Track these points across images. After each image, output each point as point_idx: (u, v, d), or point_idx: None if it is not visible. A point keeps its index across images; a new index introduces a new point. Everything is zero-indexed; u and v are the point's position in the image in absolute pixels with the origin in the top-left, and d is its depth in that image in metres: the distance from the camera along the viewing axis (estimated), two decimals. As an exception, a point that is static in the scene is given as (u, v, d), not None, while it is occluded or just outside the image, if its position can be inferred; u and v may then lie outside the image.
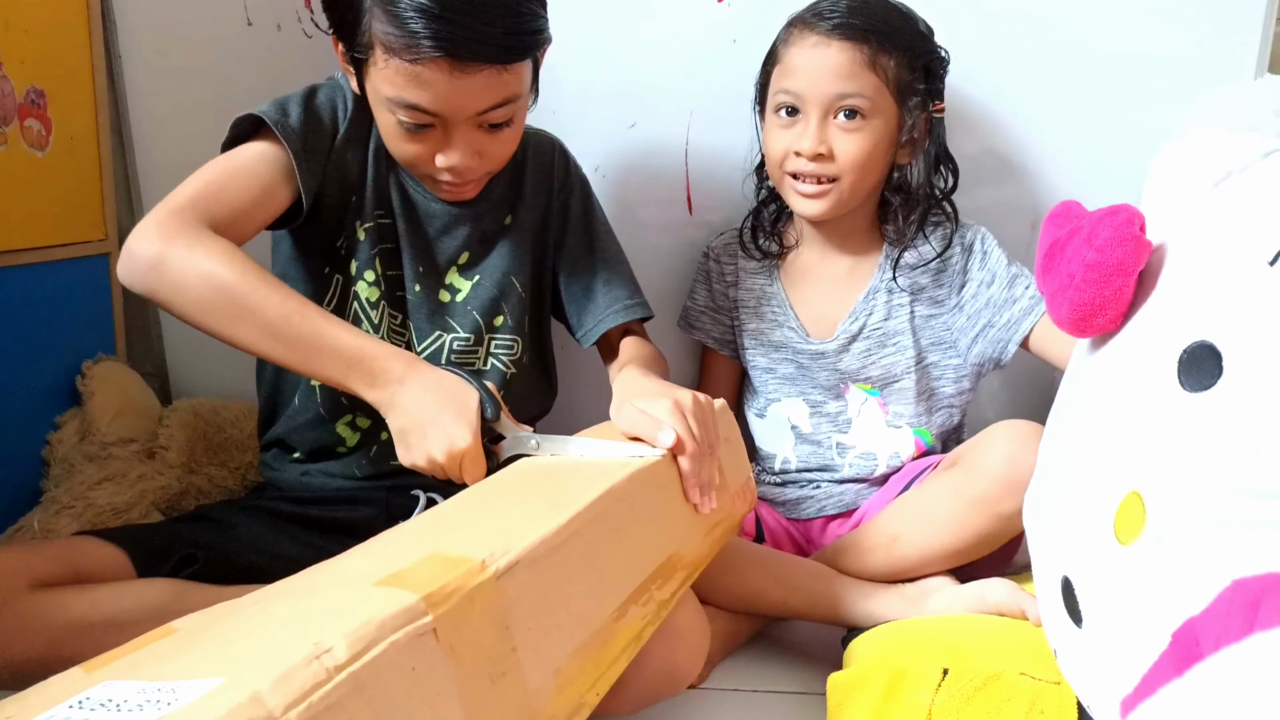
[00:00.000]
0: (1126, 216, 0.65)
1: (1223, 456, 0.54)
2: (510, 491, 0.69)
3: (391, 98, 0.82)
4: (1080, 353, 0.76)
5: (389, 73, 0.80)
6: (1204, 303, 0.60)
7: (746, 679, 0.92)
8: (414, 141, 0.86)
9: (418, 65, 0.79)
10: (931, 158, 1.03)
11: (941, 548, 0.92)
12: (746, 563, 0.95)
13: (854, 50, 0.96)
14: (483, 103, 0.83)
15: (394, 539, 0.60)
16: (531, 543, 0.54)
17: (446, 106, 0.82)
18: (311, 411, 0.96)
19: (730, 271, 1.15)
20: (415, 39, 0.77)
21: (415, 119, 0.83)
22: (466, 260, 0.98)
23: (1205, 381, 0.56)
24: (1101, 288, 0.65)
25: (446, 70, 0.79)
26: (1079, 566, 0.65)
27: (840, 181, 1.00)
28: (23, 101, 1.05)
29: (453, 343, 0.97)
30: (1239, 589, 0.47)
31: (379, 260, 0.95)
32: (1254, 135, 0.65)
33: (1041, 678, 0.71)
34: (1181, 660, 0.48)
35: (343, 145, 0.92)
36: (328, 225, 0.94)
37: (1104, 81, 1.14)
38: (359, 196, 0.94)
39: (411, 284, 0.96)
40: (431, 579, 0.48)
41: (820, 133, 0.98)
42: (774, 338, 1.12)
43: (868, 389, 1.09)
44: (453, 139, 0.85)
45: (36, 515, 0.98)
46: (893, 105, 0.99)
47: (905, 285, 1.06)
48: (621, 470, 0.69)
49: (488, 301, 0.98)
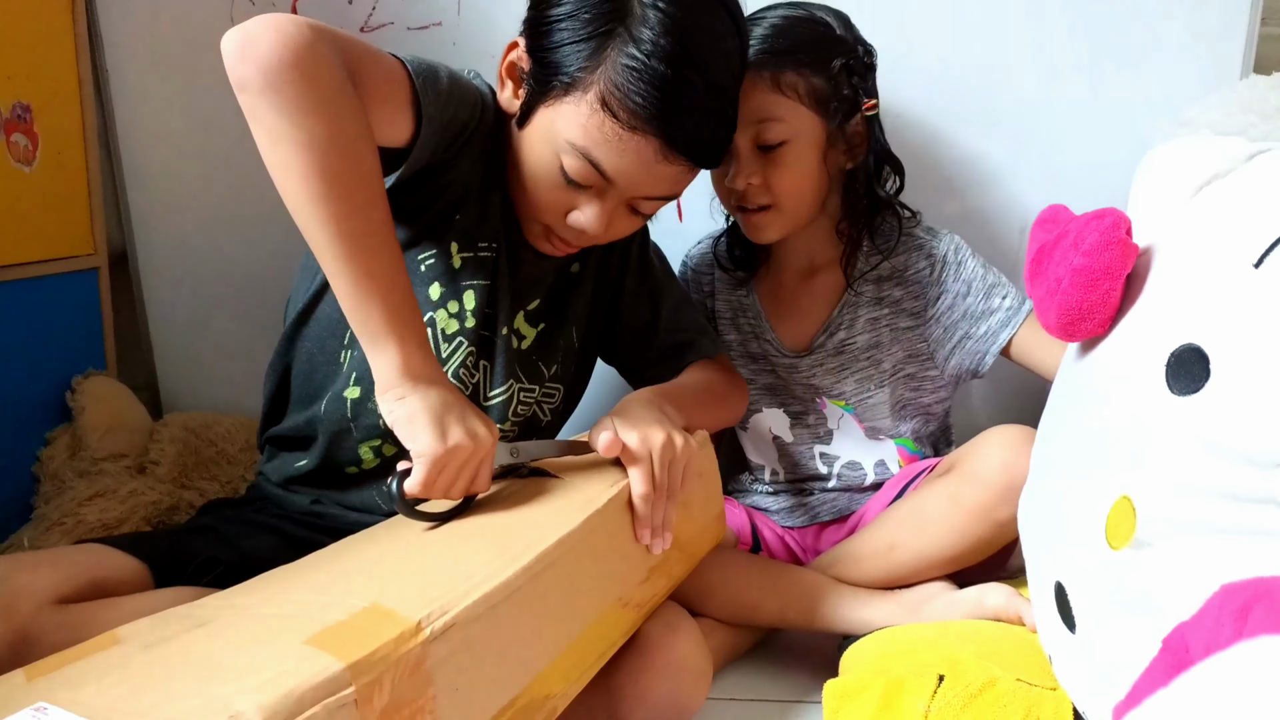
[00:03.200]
0: (1113, 220, 0.65)
1: (1212, 461, 0.54)
2: (464, 527, 0.68)
3: (575, 143, 0.77)
4: (1069, 357, 0.76)
5: (590, 121, 0.76)
6: (1190, 306, 0.60)
7: (743, 688, 0.92)
8: (564, 192, 0.81)
9: (633, 134, 0.75)
10: (870, 159, 1.00)
11: (938, 555, 0.92)
12: (742, 574, 0.95)
13: (753, 78, 0.93)
14: (658, 190, 0.81)
15: (347, 567, 0.60)
16: (471, 601, 0.55)
17: (627, 180, 0.79)
18: (338, 422, 0.87)
19: (707, 282, 1.14)
20: (647, 110, 0.74)
21: (585, 176, 0.78)
22: (536, 306, 0.93)
23: (1193, 385, 0.56)
24: (1089, 291, 0.65)
25: (653, 151, 0.76)
26: (1071, 572, 0.65)
27: (779, 206, 0.98)
28: (9, 117, 1.05)
29: (520, 393, 0.91)
30: (1228, 595, 0.47)
31: (472, 293, 0.87)
32: (1238, 138, 0.65)
33: (1038, 684, 0.71)
34: (1172, 667, 0.48)
35: (462, 149, 0.83)
36: (412, 234, 0.85)
37: (1090, 85, 1.14)
38: (464, 215, 0.86)
39: (501, 326, 0.89)
40: (363, 641, 0.48)
41: (749, 166, 0.97)
42: (751, 349, 1.11)
43: (842, 405, 1.08)
44: (601, 206, 0.81)
45: (27, 532, 0.98)
46: (813, 118, 0.96)
47: (878, 298, 1.04)
48: (580, 512, 0.68)
49: (547, 351, 0.93)
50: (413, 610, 0.52)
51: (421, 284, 0.86)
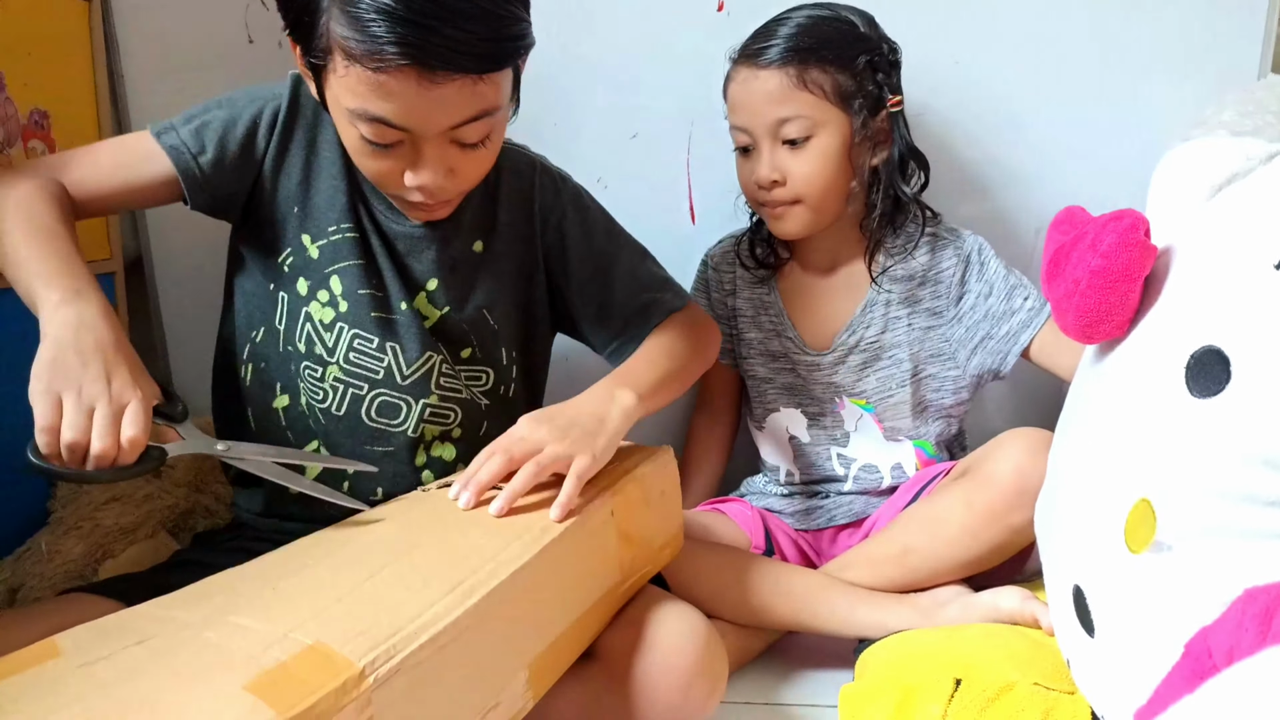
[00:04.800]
0: (1131, 222, 0.64)
1: (1233, 464, 0.53)
2: (415, 552, 0.66)
3: (353, 109, 0.74)
4: (1088, 359, 0.75)
5: (350, 81, 0.72)
6: (1210, 308, 0.59)
7: (757, 692, 0.91)
8: (380, 158, 0.78)
9: (382, 74, 0.71)
10: (895, 157, 1.02)
11: (953, 559, 0.92)
12: (754, 577, 0.94)
13: (780, 74, 0.97)
14: (455, 117, 0.75)
15: (293, 588, 0.59)
16: (419, 645, 0.53)
17: (414, 121, 0.74)
18: (279, 436, 0.89)
19: (729, 280, 1.14)
20: (378, 44, 0.69)
21: (380, 134, 0.75)
22: (435, 287, 0.90)
23: (1213, 387, 0.55)
24: (1107, 293, 0.65)
25: (414, 80, 0.71)
26: (1090, 575, 0.64)
27: (803, 202, 1.00)
28: (26, 123, 1.06)
29: (442, 365, 0.90)
30: (1251, 599, 0.47)
31: (339, 278, 0.87)
32: (1257, 139, 0.64)
33: (1055, 688, 0.71)
34: (1194, 672, 0.48)
35: (278, 156, 0.87)
36: (267, 239, 0.88)
37: (1107, 86, 1.14)
38: (303, 206, 0.87)
39: (399, 303, 0.88)
40: (304, 691, 0.47)
41: (772, 160, 1.00)
42: (772, 347, 1.11)
43: (862, 404, 1.08)
44: (423, 156, 0.77)
45: (44, 536, 0.98)
46: (839, 115, 0.98)
47: (901, 297, 1.05)
48: (536, 543, 0.66)
49: (454, 333, 0.91)
50: (357, 652, 0.50)
51: (288, 283, 0.88)
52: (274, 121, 0.87)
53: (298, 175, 0.88)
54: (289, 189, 0.88)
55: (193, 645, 0.52)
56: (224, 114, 0.87)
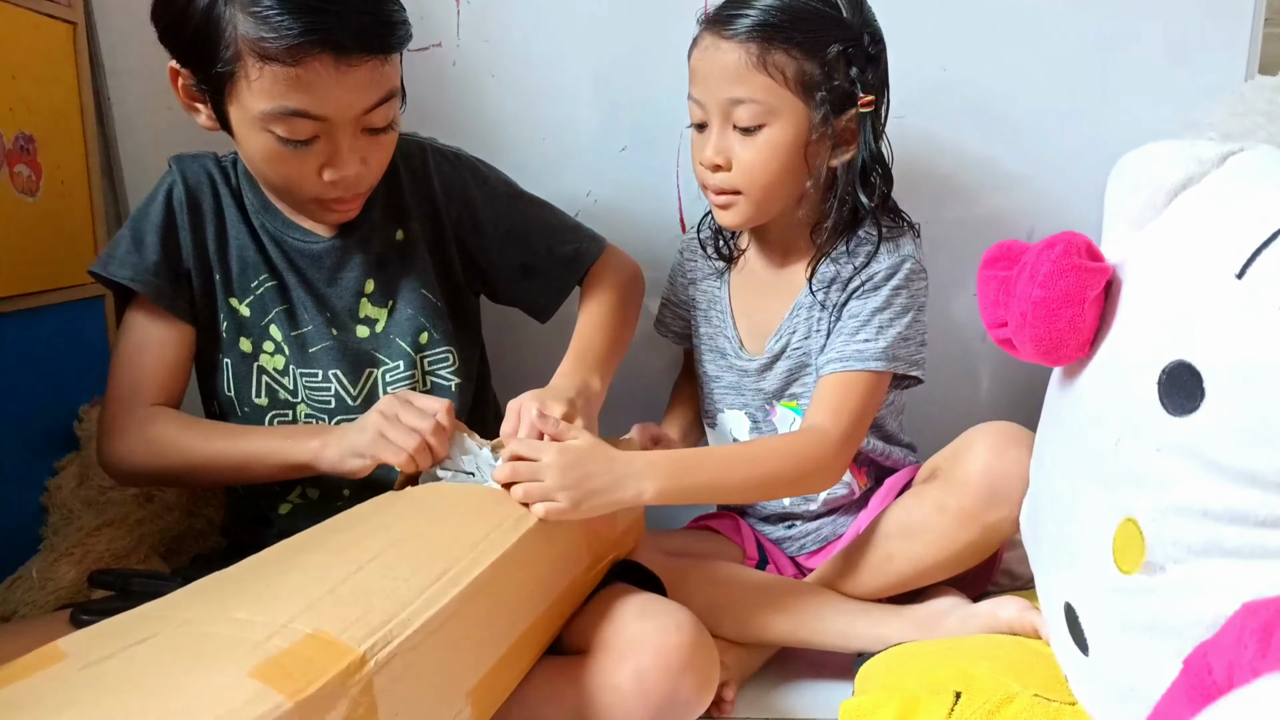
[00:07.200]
0: (1064, 247, 0.64)
1: (1215, 482, 0.52)
2: (401, 542, 0.68)
3: (270, 110, 0.77)
4: (1057, 378, 0.74)
5: (264, 82, 0.76)
6: (1176, 321, 0.58)
7: (758, 707, 0.91)
8: (295, 160, 0.81)
9: (299, 66, 0.75)
10: (858, 162, 0.92)
11: (934, 562, 0.91)
12: (751, 595, 0.94)
13: (740, 50, 0.87)
14: (368, 99, 0.80)
15: (288, 584, 0.60)
16: (413, 630, 0.56)
17: (331, 107, 0.78)
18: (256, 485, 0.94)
19: (691, 269, 1.09)
20: (293, 36, 0.73)
21: (296, 131, 0.79)
22: (373, 288, 0.94)
23: (1187, 404, 0.55)
24: (1054, 321, 0.64)
25: (330, 65, 0.76)
26: (1081, 594, 0.64)
27: (744, 192, 0.92)
28: (12, 148, 1.05)
29: (385, 375, 0.94)
30: (1250, 614, 0.46)
31: (275, 326, 0.92)
32: (1208, 142, 0.64)
33: (1055, 699, 0.70)
34: (1194, 688, 0.47)
35: (191, 233, 0.91)
36: (203, 318, 0.92)
37: (1095, 89, 1.14)
38: (223, 273, 0.92)
39: (323, 334, 0.92)
40: (308, 675, 0.49)
41: (719, 142, 0.91)
42: (719, 343, 1.05)
43: (793, 406, 1.01)
44: (339, 148, 0.81)
45: (35, 563, 0.97)
46: (797, 105, 0.88)
47: (831, 302, 0.95)
48: (513, 531, 0.71)
49: (408, 322, 0.94)
50: (356, 638, 0.53)
51: (229, 347, 0.92)
52: (183, 200, 0.91)
53: (213, 244, 0.92)
54: (206, 260, 0.92)
55: (196, 640, 0.53)
56: (137, 225, 0.91)
